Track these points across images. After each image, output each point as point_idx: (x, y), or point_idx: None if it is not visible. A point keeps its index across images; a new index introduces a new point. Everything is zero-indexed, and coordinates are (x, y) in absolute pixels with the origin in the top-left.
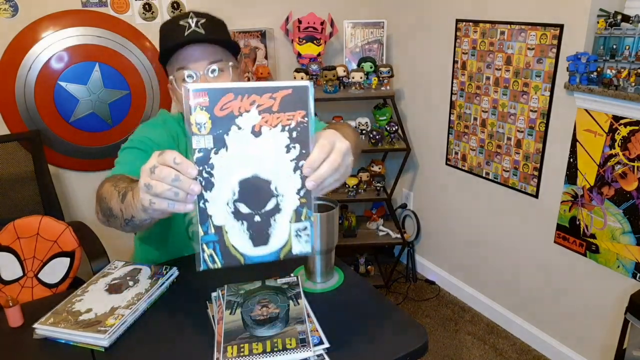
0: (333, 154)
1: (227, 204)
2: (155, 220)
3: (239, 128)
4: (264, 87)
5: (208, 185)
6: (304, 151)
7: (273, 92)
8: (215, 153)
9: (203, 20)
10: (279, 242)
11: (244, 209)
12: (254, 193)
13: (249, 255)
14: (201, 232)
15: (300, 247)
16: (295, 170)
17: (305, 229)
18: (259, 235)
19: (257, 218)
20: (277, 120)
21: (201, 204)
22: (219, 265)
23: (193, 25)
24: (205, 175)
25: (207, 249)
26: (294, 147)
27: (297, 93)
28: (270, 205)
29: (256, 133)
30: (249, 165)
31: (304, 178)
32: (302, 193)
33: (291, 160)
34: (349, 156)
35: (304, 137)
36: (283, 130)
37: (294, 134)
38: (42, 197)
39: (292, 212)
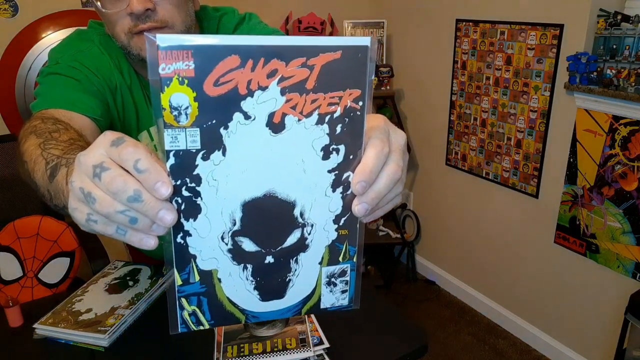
0: (392, 156)
1: (222, 238)
2: None
3: (247, 117)
4: (295, 47)
5: (190, 210)
6: (351, 157)
7: (309, 55)
8: (205, 158)
9: None
10: (300, 294)
11: (249, 246)
12: (267, 222)
13: (254, 312)
14: (178, 281)
15: (332, 300)
16: (335, 186)
17: (343, 274)
18: (271, 286)
19: (269, 259)
20: (312, 106)
21: (178, 239)
22: (205, 326)
23: None
24: (186, 194)
25: (187, 306)
26: (336, 151)
27: (351, 58)
28: (291, 240)
29: (276, 126)
30: (260, 179)
31: (347, 197)
32: (342, 221)
33: (330, 171)
34: (407, 154)
35: (355, 135)
36: (321, 122)
37: (339, 130)
38: None
39: (326, 249)
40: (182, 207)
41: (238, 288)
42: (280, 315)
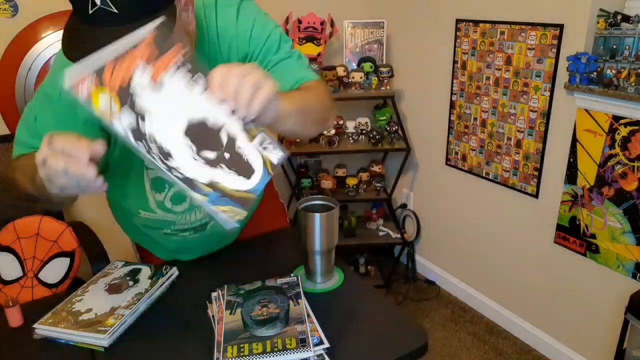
0: (245, 69)
1: (194, 159)
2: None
3: (143, 86)
4: (133, 41)
5: (163, 154)
6: (208, 78)
7: (143, 40)
8: (142, 120)
9: None
10: (260, 163)
11: (209, 154)
12: (204, 137)
13: (252, 188)
14: (200, 198)
15: (275, 156)
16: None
17: (265, 140)
18: (243, 168)
19: (226, 155)
20: (167, 63)
21: (174, 174)
22: (244, 213)
23: (98, 0)
24: (152, 147)
25: (222, 208)
26: (199, 80)
27: (162, 31)
28: (224, 138)
29: (158, 84)
30: (178, 116)
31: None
32: (235, 115)
33: (203, 93)
34: (270, 84)
35: (200, 66)
36: (178, 69)
37: (189, 68)
38: None
39: (244, 133)
40: (158, 155)
41: (231, 180)
42: (265, 179)
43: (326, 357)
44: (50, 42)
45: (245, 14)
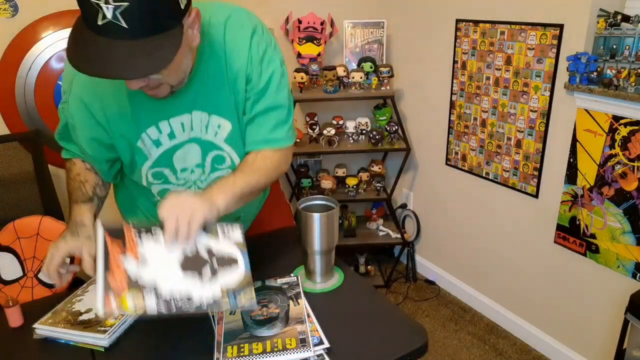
0: (178, 225)
1: (201, 282)
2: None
3: (134, 267)
4: (102, 254)
5: (184, 300)
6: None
7: (105, 243)
8: (157, 289)
9: (125, 4)
10: (233, 247)
11: (206, 271)
12: (192, 262)
13: (244, 268)
14: (226, 306)
15: (238, 233)
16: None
17: (223, 227)
18: (228, 260)
19: (215, 262)
20: (131, 241)
21: (202, 308)
22: (252, 290)
23: (109, 14)
24: (176, 303)
25: (243, 299)
26: (157, 232)
27: (107, 226)
28: (204, 254)
29: (141, 259)
30: (171, 265)
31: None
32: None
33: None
34: (198, 218)
35: (145, 222)
36: (140, 237)
37: (144, 230)
38: (42, 197)
39: (209, 237)
40: (181, 302)
41: (232, 276)
42: (247, 257)
43: (326, 357)
44: (50, 42)
45: (258, 41)
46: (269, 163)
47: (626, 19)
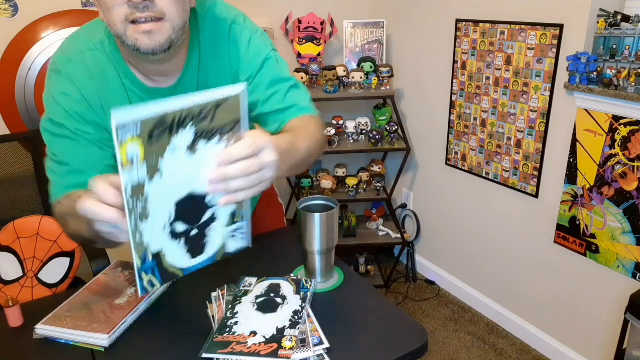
0: (253, 159)
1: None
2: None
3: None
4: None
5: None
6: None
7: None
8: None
9: None
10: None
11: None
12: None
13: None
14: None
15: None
16: None
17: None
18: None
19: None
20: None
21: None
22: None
23: None
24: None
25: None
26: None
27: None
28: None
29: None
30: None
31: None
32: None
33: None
34: (271, 172)
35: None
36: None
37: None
38: (42, 197)
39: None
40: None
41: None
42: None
43: (326, 357)
44: (50, 42)
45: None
46: (312, 132)
47: (626, 19)
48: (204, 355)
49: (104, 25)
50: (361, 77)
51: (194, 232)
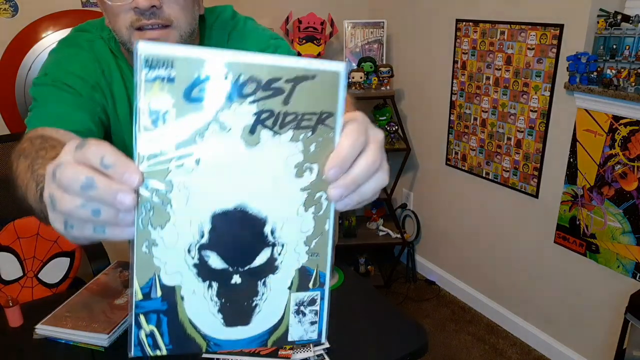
0: (371, 146)
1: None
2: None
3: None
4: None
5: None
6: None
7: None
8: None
9: None
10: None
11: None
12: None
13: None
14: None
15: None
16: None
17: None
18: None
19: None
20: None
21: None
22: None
23: None
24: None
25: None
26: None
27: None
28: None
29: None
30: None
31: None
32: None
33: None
34: (386, 172)
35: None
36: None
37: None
38: None
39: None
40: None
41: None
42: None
43: (326, 357)
44: (50, 42)
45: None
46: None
47: (626, 19)
48: (205, 355)
49: (87, 35)
50: (361, 77)
51: (237, 279)
